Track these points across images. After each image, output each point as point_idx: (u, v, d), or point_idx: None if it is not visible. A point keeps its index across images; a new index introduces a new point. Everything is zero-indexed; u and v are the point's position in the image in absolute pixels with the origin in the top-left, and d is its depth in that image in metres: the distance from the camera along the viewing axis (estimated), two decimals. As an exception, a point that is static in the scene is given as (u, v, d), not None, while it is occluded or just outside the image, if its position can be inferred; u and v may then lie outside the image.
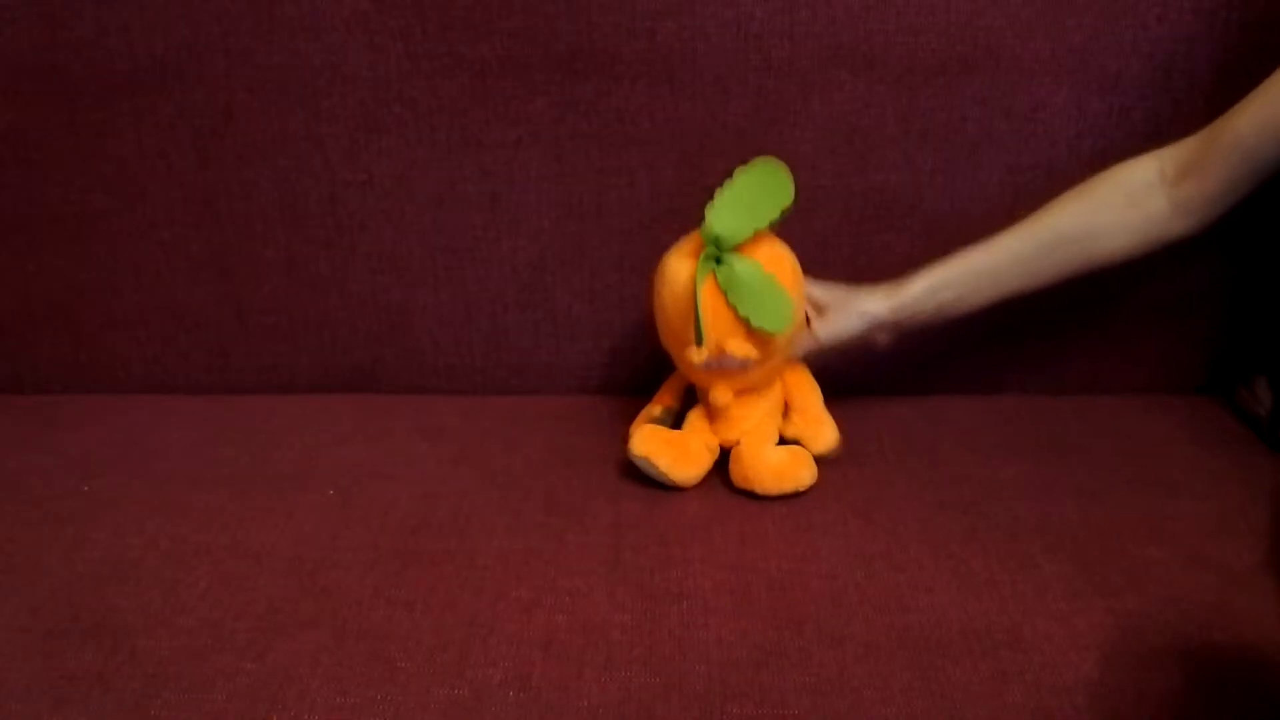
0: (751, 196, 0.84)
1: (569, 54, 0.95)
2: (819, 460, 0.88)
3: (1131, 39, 0.93)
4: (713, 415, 0.90)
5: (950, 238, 0.97)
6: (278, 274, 1.04)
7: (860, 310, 0.90)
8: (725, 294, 0.82)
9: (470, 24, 0.95)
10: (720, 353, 0.84)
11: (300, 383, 1.08)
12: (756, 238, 0.84)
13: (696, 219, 0.84)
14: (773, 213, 0.84)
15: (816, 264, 0.99)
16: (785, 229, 0.88)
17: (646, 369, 0.91)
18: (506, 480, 0.89)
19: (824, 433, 0.91)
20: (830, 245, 1.00)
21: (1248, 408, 0.98)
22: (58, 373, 1.09)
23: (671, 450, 0.86)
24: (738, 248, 0.83)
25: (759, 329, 0.83)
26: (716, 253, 0.83)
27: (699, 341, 0.83)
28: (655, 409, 0.95)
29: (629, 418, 0.95)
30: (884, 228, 1.00)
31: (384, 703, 0.65)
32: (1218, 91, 0.92)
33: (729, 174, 0.85)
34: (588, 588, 0.75)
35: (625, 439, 0.92)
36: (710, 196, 0.90)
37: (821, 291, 0.92)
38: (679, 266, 0.86)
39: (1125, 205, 0.86)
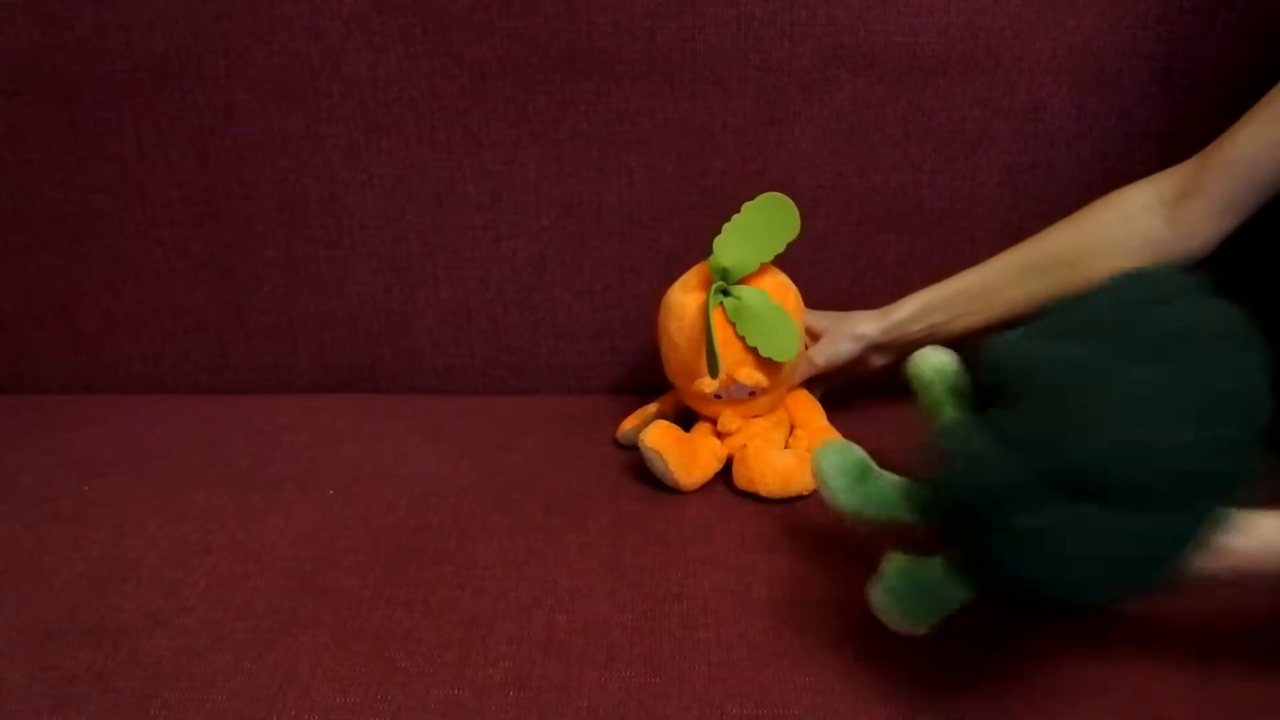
0: (758, 229, 0.85)
1: (569, 54, 0.95)
2: None
3: (1131, 39, 0.93)
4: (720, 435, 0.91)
5: (950, 238, 0.98)
6: (278, 274, 1.04)
7: (853, 334, 0.90)
8: (734, 324, 0.83)
9: (470, 24, 0.95)
10: (730, 381, 0.85)
11: (300, 383, 1.08)
12: (761, 270, 0.86)
13: (696, 219, 0.84)
14: (778, 245, 0.85)
15: (817, 264, 1.00)
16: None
17: (646, 369, 0.91)
18: (506, 480, 0.89)
19: None
20: (830, 245, 1.00)
21: (1248, 408, 0.97)
22: (58, 373, 1.09)
23: (682, 451, 0.86)
24: (744, 280, 0.85)
25: (768, 357, 0.84)
26: (725, 285, 0.84)
27: (714, 372, 0.84)
28: (650, 409, 0.95)
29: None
30: (884, 228, 1.00)
31: (384, 703, 0.65)
32: (1218, 91, 0.92)
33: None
34: (588, 588, 0.75)
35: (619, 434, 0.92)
36: (710, 197, 0.90)
37: (815, 318, 0.93)
38: (686, 301, 0.87)
39: (1121, 226, 0.85)
